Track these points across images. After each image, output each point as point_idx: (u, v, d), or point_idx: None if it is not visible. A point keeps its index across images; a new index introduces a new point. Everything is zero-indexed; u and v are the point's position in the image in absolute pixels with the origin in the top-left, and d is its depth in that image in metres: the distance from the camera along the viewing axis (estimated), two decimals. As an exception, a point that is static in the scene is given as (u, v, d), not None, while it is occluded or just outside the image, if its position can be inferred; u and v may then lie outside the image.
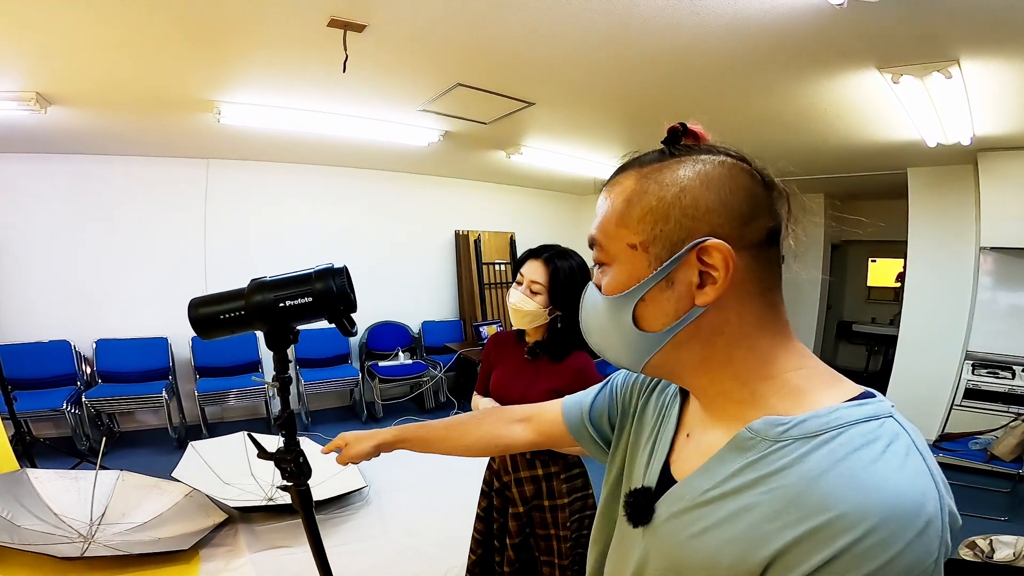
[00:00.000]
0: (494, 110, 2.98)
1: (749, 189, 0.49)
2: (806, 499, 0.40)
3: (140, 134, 3.41)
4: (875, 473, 0.39)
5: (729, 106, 2.81)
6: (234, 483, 2.68)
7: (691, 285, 0.48)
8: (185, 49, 2.14)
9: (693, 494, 0.50)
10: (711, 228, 0.47)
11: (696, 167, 0.50)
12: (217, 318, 0.88)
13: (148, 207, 4.00)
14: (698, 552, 0.47)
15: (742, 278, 0.48)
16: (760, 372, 0.50)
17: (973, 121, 2.74)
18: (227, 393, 3.82)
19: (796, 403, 0.47)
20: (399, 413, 4.59)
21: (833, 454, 0.41)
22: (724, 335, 0.50)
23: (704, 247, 0.47)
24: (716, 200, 0.48)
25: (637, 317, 0.51)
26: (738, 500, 0.45)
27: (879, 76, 2.25)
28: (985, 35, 1.85)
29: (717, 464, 0.49)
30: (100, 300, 3.87)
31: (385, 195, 5.08)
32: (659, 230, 0.49)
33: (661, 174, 0.50)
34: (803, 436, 0.43)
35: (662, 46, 2.07)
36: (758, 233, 0.49)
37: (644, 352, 0.52)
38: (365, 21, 1.90)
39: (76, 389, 3.51)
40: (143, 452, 3.53)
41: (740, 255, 0.47)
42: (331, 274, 0.88)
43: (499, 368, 1.59)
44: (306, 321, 0.90)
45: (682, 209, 0.48)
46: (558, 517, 1.47)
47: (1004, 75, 2.18)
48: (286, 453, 0.95)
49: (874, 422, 0.42)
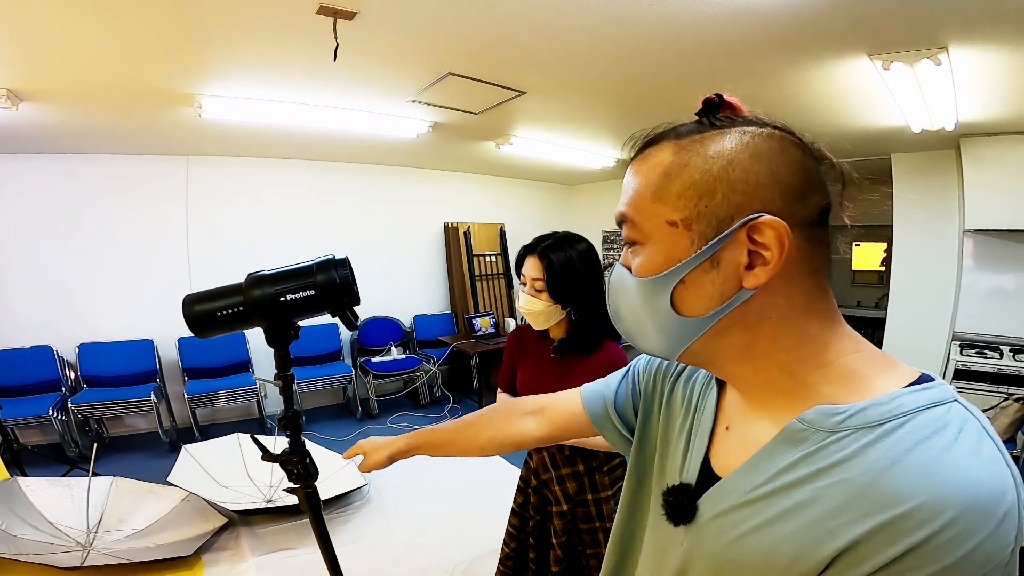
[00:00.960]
0: (485, 99, 2.94)
1: (801, 163, 0.46)
2: (876, 491, 0.38)
3: (117, 131, 3.30)
4: (950, 462, 0.37)
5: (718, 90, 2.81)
6: (231, 486, 2.63)
7: (739, 266, 0.45)
8: (164, 40, 2.06)
9: (741, 491, 0.47)
10: (763, 204, 0.44)
11: (744, 139, 0.46)
12: (214, 315, 0.83)
13: (127, 206, 3.90)
14: (750, 551, 0.45)
15: (794, 259, 0.44)
16: (812, 360, 0.47)
17: (958, 107, 2.78)
18: (217, 394, 3.75)
19: (852, 390, 0.44)
20: (394, 409, 4.58)
21: (901, 443, 0.39)
22: (771, 320, 0.46)
23: (756, 224, 0.43)
24: (768, 174, 0.44)
25: (676, 301, 0.47)
26: (793, 496, 0.43)
27: (869, 63, 2.26)
28: (974, 22, 1.87)
29: (766, 458, 0.47)
30: (82, 303, 3.77)
31: (373, 189, 5.01)
32: (704, 206, 0.45)
33: (703, 146, 0.46)
34: (864, 425, 0.41)
35: (654, 33, 2.05)
36: (812, 210, 0.45)
37: (682, 339, 0.49)
38: (356, 8, 1.84)
39: (62, 395, 3.43)
40: (135, 457, 3.47)
41: (793, 233, 0.43)
42: (333, 265, 0.85)
43: (524, 366, 1.54)
44: (308, 315, 0.86)
45: (730, 183, 0.44)
46: (603, 510, 1.45)
47: (990, 62, 2.20)
48: (292, 455, 0.92)
49: (941, 408, 0.40)
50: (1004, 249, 3.71)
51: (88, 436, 3.58)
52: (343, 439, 3.86)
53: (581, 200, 6.60)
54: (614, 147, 4.38)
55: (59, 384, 3.51)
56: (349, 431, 4.05)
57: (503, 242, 5.64)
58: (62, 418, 3.28)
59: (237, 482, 2.69)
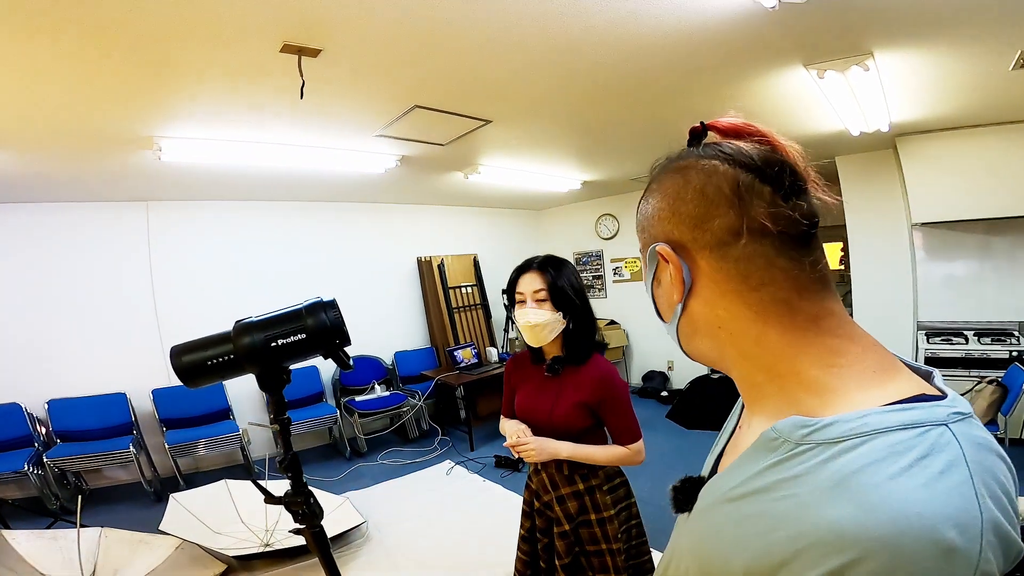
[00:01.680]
0: (452, 130, 3.05)
1: (702, 191, 0.50)
2: (807, 514, 0.37)
3: (73, 178, 3.23)
4: (890, 490, 0.35)
5: (671, 108, 2.97)
6: (225, 532, 2.57)
7: (669, 284, 0.53)
8: (122, 82, 2.03)
9: (721, 490, 0.49)
10: (665, 235, 0.53)
11: (664, 181, 0.54)
12: (204, 365, 0.84)
13: (89, 257, 3.82)
14: (715, 550, 0.46)
15: (717, 277, 0.50)
16: (780, 367, 0.49)
17: (889, 109, 3.02)
18: (198, 443, 3.64)
19: (824, 403, 0.45)
20: (383, 446, 4.50)
21: (849, 465, 0.37)
22: (723, 330, 0.51)
23: (659, 251, 0.53)
24: (666, 208, 0.53)
25: (657, 309, 0.58)
26: (755, 503, 0.43)
27: (805, 72, 2.46)
28: (894, 27, 2.06)
29: (745, 462, 0.47)
30: (48, 358, 3.64)
31: (343, 227, 5.05)
32: (642, 239, 0.57)
33: (649, 187, 0.57)
34: (825, 442, 0.40)
35: (606, 54, 2.16)
36: (714, 233, 0.49)
37: (673, 338, 0.58)
38: (320, 45, 1.88)
39: (35, 450, 3.29)
40: (119, 508, 3.34)
41: (701, 255, 0.50)
42: (322, 307, 0.87)
43: (521, 389, 1.57)
44: (300, 359, 0.87)
45: (649, 220, 0.55)
46: (607, 530, 1.43)
47: (913, 65, 2.41)
48: (296, 495, 0.94)
49: (911, 431, 0.38)
50: (950, 239, 3.97)
51: (67, 489, 3.43)
52: (334, 479, 3.78)
53: (551, 224, 6.77)
54: (579, 169, 4.55)
55: (31, 440, 3.37)
56: (339, 471, 3.96)
57: (478, 272, 5.71)
58: (39, 472, 3.14)
59: (231, 528, 2.64)
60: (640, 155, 4.18)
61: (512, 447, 1.41)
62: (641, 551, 1.52)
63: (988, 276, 3.92)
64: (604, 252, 6.29)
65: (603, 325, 5.96)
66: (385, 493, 3.53)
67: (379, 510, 3.16)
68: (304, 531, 0.97)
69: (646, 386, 5.75)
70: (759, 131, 0.54)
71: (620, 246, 6.15)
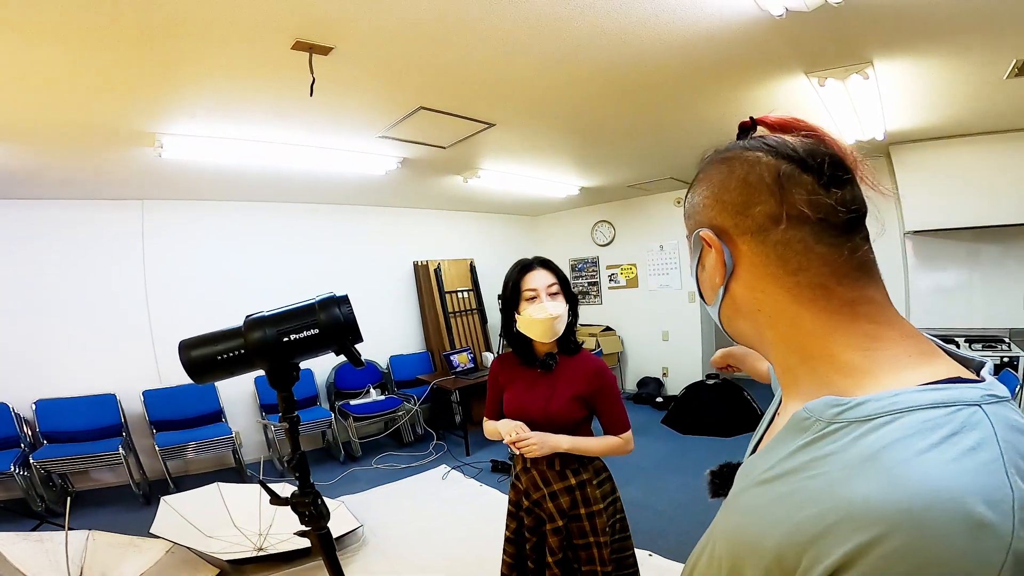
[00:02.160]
0: (455, 132, 3.05)
1: (745, 180, 0.53)
2: (838, 489, 0.38)
3: (70, 174, 3.18)
4: (918, 464, 0.35)
5: (672, 115, 3.01)
6: (217, 535, 2.52)
7: (713, 267, 0.56)
8: (127, 75, 2.00)
9: (754, 473, 0.49)
10: (708, 221, 0.56)
11: (708, 172, 0.58)
12: (214, 360, 0.82)
13: (79, 255, 3.75)
14: (748, 531, 0.46)
15: (756, 260, 0.52)
16: (814, 350, 0.50)
17: (885, 118, 3.07)
18: (189, 446, 3.57)
19: (857, 384, 0.45)
20: (378, 450, 4.45)
21: (880, 440, 0.38)
22: (762, 312, 0.54)
23: (701, 236, 0.56)
24: (710, 195, 0.56)
25: (701, 293, 0.61)
26: (787, 483, 0.43)
27: (806, 80, 2.50)
28: (894, 36, 2.10)
29: (777, 444, 0.48)
30: (36, 358, 3.57)
31: (341, 230, 5.02)
32: (688, 225, 0.60)
33: (696, 178, 0.60)
34: (857, 420, 0.41)
35: (612, 58, 2.18)
36: (755, 219, 0.52)
37: (715, 321, 0.61)
38: (332, 43, 1.87)
39: (21, 451, 3.20)
40: (107, 511, 3.25)
41: (742, 240, 0.53)
42: (335, 303, 0.86)
43: (512, 387, 1.56)
44: (311, 355, 0.87)
45: (694, 207, 0.59)
46: (596, 524, 1.46)
47: (911, 74, 2.46)
48: (303, 496, 0.92)
49: (942, 409, 0.38)
50: (941, 247, 4.04)
51: (53, 490, 3.34)
52: (328, 483, 3.73)
53: (546, 230, 6.79)
54: (578, 175, 4.57)
55: (18, 440, 3.28)
56: (334, 475, 3.91)
57: (474, 277, 5.70)
58: (24, 473, 3.07)
59: (223, 531, 2.59)
60: (639, 161, 4.22)
61: (513, 444, 1.42)
62: (625, 546, 1.55)
63: (977, 284, 3.99)
64: (600, 259, 6.31)
65: (599, 332, 5.97)
66: (380, 497, 3.49)
67: (375, 514, 3.12)
68: (310, 533, 0.95)
69: (641, 392, 5.75)
70: (808, 126, 0.56)
71: (616, 253, 6.17)
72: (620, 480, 1.63)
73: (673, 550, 2.59)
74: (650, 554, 2.57)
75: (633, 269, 6.03)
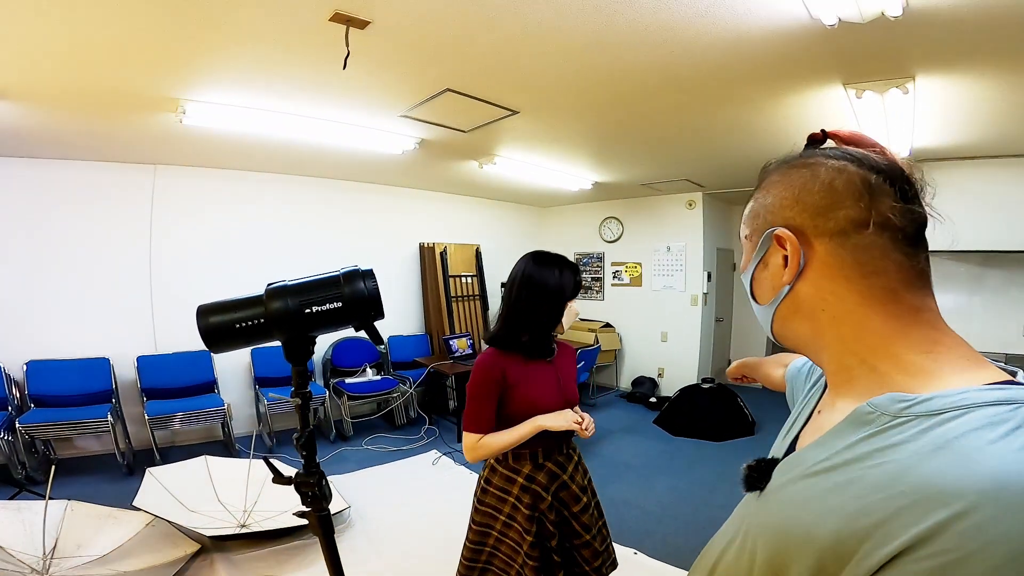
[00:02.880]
0: (477, 117, 2.97)
1: (830, 184, 0.54)
2: (912, 474, 0.40)
3: (84, 136, 3.12)
4: (992, 451, 0.38)
5: (701, 116, 2.94)
6: (200, 510, 2.47)
7: (779, 267, 0.57)
8: (157, 38, 1.95)
9: (805, 464, 0.51)
10: (784, 220, 0.56)
11: (793, 172, 0.58)
12: (232, 327, 0.80)
13: (85, 216, 3.67)
14: (797, 522, 0.47)
15: (830, 262, 0.54)
16: (878, 350, 0.52)
17: (914, 134, 3.02)
18: (177, 416, 3.50)
19: (924, 383, 0.47)
20: (369, 431, 4.42)
21: (951, 431, 0.40)
22: (826, 313, 0.55)
23: (776, 235, 0.56)
24: (791, 198, 0.56)
25: (754, 293, 0.62)
26: (847, 472, 0.45)
27: (843, 91, 2.43)
28: (940, 53, 2.04)
29: (833, 437, 0.50)
30: (31, 318, 3.49)
31: (349, 206, 4.94)
32: (755, 225, 0.61)
33: (767, 180, 0.61)
34: (925, 414, 0.43)
35: (649, 55, 2.12)
36: (837, 222, 0.53)
37: (765, 321, 0.62)
38: (369, 17, 1.82)
39: (7, 415, 3.12)
40: (88, 480, 3.19)
41: (819, 241, 0.54)
42: (361, 276, 0.83)
43: (523, 385, 1.45)
44: (330, 329, 0.84)
45: (766, 208, 0.59)
46: (592, 484, 1.62)
47: (952, 91, 2.40)
48: (308, 476, 0.90)
49: (1007, 406, 0.41)
50: (943, 268, 4.03)
51: (34, 457, 3.27)
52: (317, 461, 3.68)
53: (554, 222, 6.71)
54: (593, 169, 4.50)
55: (5, 404, 3.20)
56: (323, 453, 3.85)
57: (479, 263, 5.64)
58: (8, 438, 3.00)
59: (207, 506, 2.54)
60: (656, 161, 4.15)
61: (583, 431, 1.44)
62: None
63: (978, 308, 3.98)
64: (606, 255, 6.26)
65: (598, 328, 5.94)
66: (369, 479, 3.46)
67: (362, 496, 3.09)
68: (309, 514, 0.93)
69: (635, 391, 5.73)
70: (874, 142, 0.58)
71: (623, 250, 6.11)
72: (608, 477, 1.73)
73: (659, 550, 2.59)
74: (635, 552, 2.57)
75: (638, 268, 5.99)
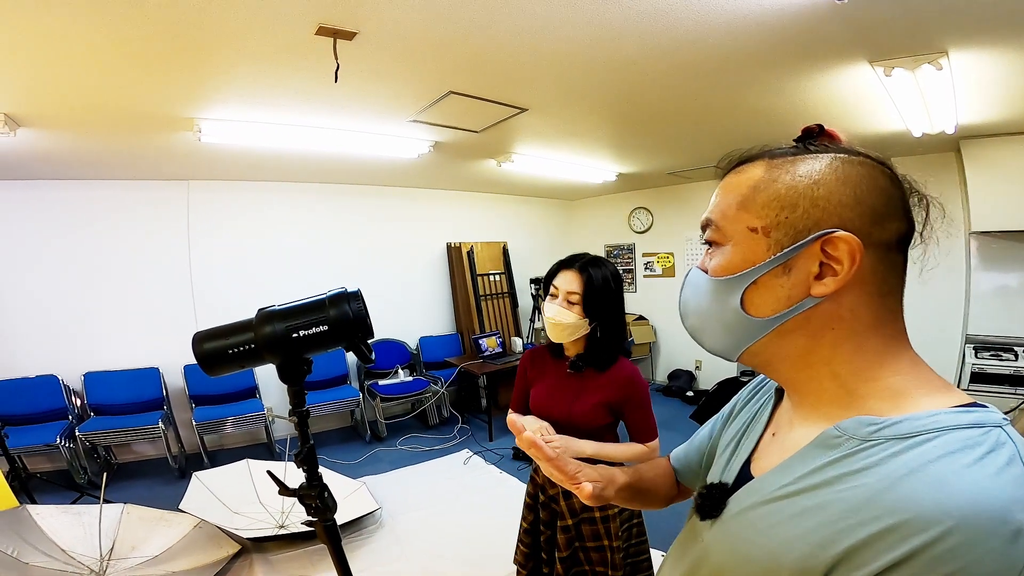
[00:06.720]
0: (486, 117, 2.97)
1: (886, 190, 0.49)
2: (884, 498, 0.39)
3: (116, 156, 3.30)
4: (966, 476, 0.37)
5: (720, 101, 2.83)
6: (243, 512, 2.61)
7: (809, 275, 0.48)
8: (163, 64, 2.06)
9: (768, 489, 0.49)
10: (841, 221, 0.47)
11: (834, 163, 0.50)
12: (225, 353, 0.82)
13: (128, 233, 3.90)
14: (761, 547, 0.46)
15: (864, 277, 0.48)
16: (865, 373, 0.49)
17: (957, 110, 2.80)
18: (225, 421, 3.71)
19: (895, 405, 0.46)
20: (403, 431, 4.53)
21: (925, 455, 0.39)
22: (834, 331, 0.49)
23: (831, 238, 0.47)
24: (850, 195, 0.48)
25: (745, 301, 0.51)
26: (814, 497, 0.44)
27: (870, 70, 2.28)
28: (973, 26, 1.88)
29: (798, 461, 0.48)
30: (85, 332, 3.75)
31: (375, 210, 5.03)
32: (784, 216, 0.49)
33: (794, 165, 0.51)
34: (895, 437, 0.42)
35: (653, 43, 2.05)
36: (889, 234, 0.48)
37: (746, 338, 0.52)
38: (355, 28, 1.84)
39: (69, 423, 3.39)
40: (144, 483, 3.43)
41: (867, 252, 0.47)
42: (346, 298, 0.83)
43: (539, 384, 1.54)
44: (321, 350, 0.85)
45: (812, 199, 0.48)
46: (610, 528, 1.44)
47: (989, 64, 2.21)
48: (309, 489, 0.92)
49: (978, 429, 0.41)
50: (1007, 250, 3.72)
51: (96, 462, 3.53)
52: (353, 462, 3.82)
53: (582, 215, 6.62)
54: (615, 161, 4.41)
55: (65, 412, 3.47)
56: (358, 454, 4.00)
57: (506, 260, 5.64)
58: (70, 445, 3.24)
59: (249, 508, 2.67)
60: (681, 149, 4.01)
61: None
62: (640, 549, 1.52)
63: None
64: (636, 246, 6.13)
65: (631, 320, 5.84)
66: (401, 479, 3.54)
67: (394, 496, 3.17)
68: (316, 523, 0.96)
69: (671, 385, 5.62)
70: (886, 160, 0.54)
71: (653, 240, 5.97)
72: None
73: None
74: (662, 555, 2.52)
75: (670, 258, 5.84)
